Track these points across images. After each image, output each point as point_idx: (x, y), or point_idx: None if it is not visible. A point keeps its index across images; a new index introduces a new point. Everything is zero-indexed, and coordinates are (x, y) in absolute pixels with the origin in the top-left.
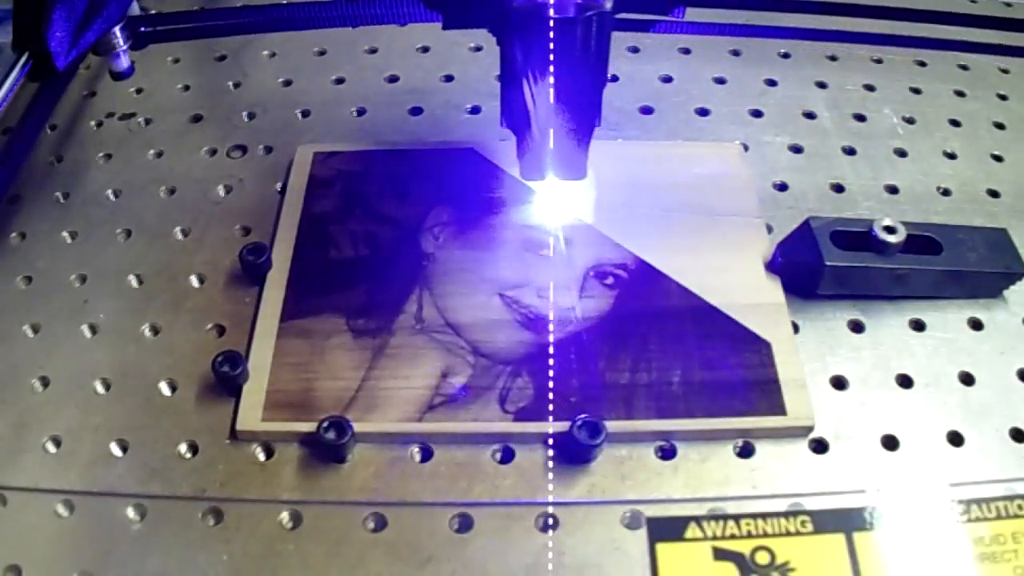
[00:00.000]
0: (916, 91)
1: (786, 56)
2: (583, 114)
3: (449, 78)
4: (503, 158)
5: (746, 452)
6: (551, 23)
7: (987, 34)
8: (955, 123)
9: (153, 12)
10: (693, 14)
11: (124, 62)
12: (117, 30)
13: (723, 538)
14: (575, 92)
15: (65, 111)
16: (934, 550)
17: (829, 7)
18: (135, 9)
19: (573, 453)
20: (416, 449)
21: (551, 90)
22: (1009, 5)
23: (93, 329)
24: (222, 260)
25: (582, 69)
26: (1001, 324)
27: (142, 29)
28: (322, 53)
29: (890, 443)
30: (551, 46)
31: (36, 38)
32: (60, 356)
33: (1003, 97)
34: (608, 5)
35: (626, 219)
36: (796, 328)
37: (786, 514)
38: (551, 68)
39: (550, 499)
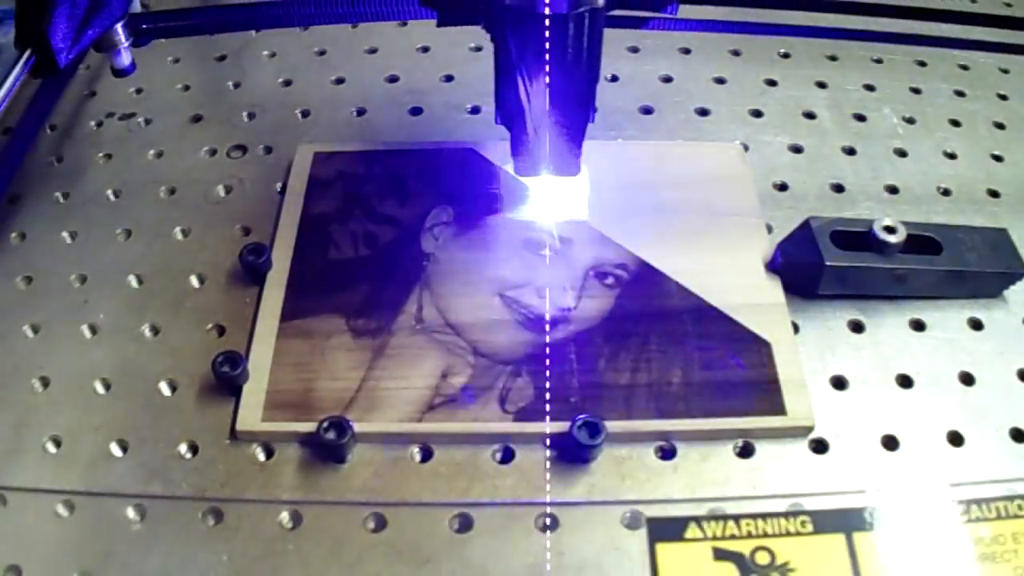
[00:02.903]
0: (916, 91)
1: (786, 56)
2: (576, 111)
3: (449, 78)
4: (503, 158)
5: (746, 452)
6: (544, 19)
7: (988, 32)
8: (955, 123)
9: (154, 10)
10: (689, 11)
11: (125, 59)
12: (119, 27)
13: (723, 538)
14: (568, 89)
15: (65, 111)
16: (934, 550)
17: (825, 5)
18: (136, 6)
19: (573, 453)
20: (416, 449)
21: (544, 87)
22: (1009, 5)
23: (93, 329)
24: (222, 260)
25: (575, 66)
26: (1001, 324)
27: (144, 26)
28: (322, 53)
29: (890, 443)
30: (544, 43)
31: (39, 35)
32: (60, 356)
33: (1003, 97)
34: (600, 1)
35: (626, 219)
36: (796, 328)
37: (786, 514)
38: (544, 65)
39: (550, 499)
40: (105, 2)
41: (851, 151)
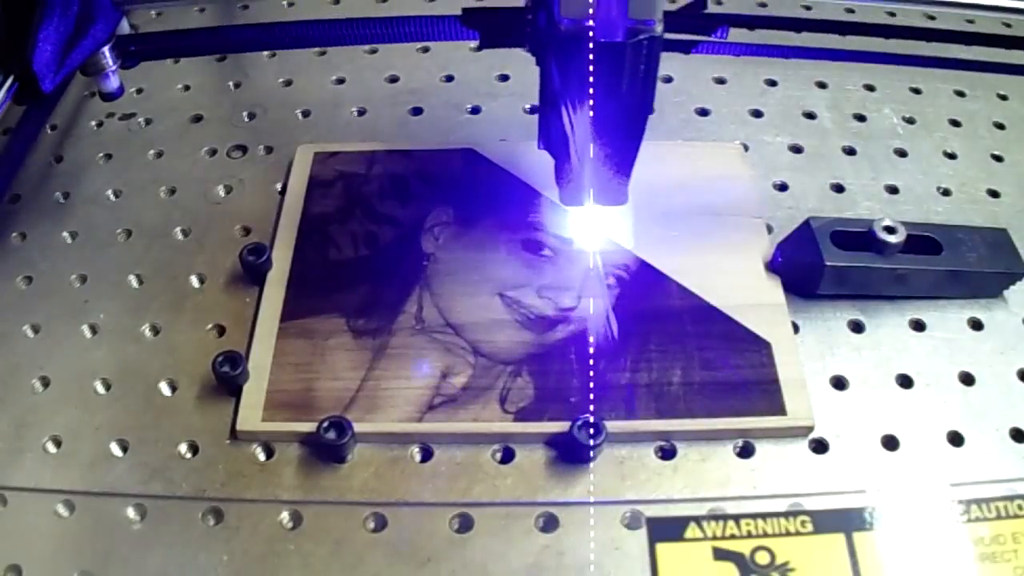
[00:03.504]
0: (916, 91)
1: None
2: (627, 141)
3: (449, 78)
4: (503, 158)
5: (746, 452)
6: (600, 48)
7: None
8: (955, 123)
9: (143, 32)
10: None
11: (114, 82)
12: (106, 50)
13: (723, 538)
14: (619, 119)
15: (65, 111)
16: (934, 550)
17: (863, 28)
18: (124, 27)
19: (573, 453)
20: (416, 449)
21: (595, 116)
22: (1009, 26)
23: (93, 329)
24: (222, 260)
25: (629, 94)
26: (1001, 324)
27: (132, 48)
28: (322, 53)
29: (890, 443)
30: (598, 71)
31: (21, 60)
32: (60, 356)
33: (1003, 97)
34: (659, 29)
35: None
36: (796, 328)
37: (786, 514)
38: (597, 93)
39: (550, 499)
40: (90, 25)
41: (851, 151)
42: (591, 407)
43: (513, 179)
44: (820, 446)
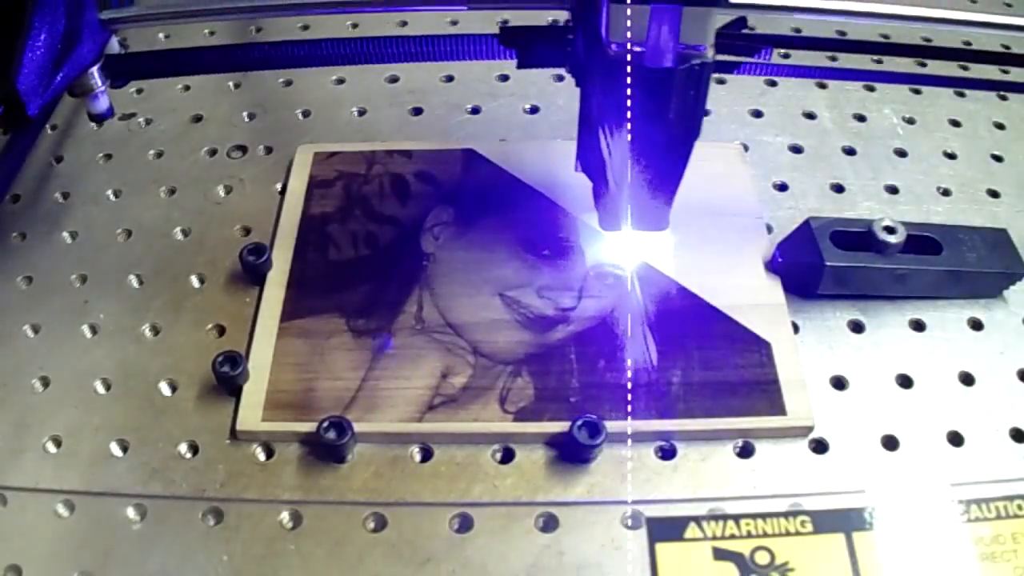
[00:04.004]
0: (916, 91)
1: (786, 56)
2: (670, 167)
3: (449, 78)
4: (503, 158)
5: (746, 452)
6: (650, 73)
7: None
8: (955, 123)
9: (134, 51)
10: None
11: (103, 103)
12: (95, 70)
13: (723, 538)
14: (664, 144)
15: (65, 111)
16: (934, 550)
17: (901, 49)
18: (114, 46)
19: (573, 453)
20: (416, 449)
21: (639, 139)
22: (1008, 47)
23: (93, 329)
24: (222, 260)
25: (676, 121)
26: (1001, 324)
27: (121, 68)
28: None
29: (890, 443)
30: (644, 97)
31: (6, 83)
32: (60, 356)
33: (1003, 97)
34: (710, 54)
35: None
36: (796, 328)
37: (786, 514)
38: (643, 117)
39: (550, 499)
40: (77, 46)
41: (851, 151)
42: (591, 407)
43: (513, 179)
44: (820, 446)
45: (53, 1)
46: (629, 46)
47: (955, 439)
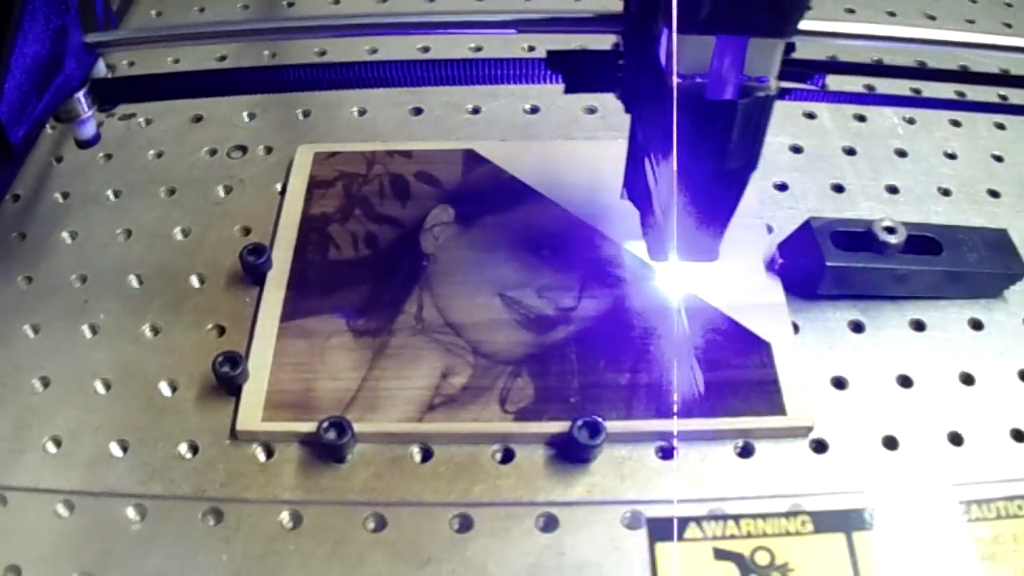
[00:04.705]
0: (916, 91)
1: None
2: (725, 199)
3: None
4: (503, 158)
5: (746, 452)
6: (713, 106)
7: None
8: (955, 123)
9: (119, 76)
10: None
11: (90, 129)
12: (80, 95)
13: (723, 538)
14: (720, 176)
15: None
16: (934, 550)
17: (943, 74)
18: (101, 69)
19: (573, 453)
20: (416, 449)
21: (691, 173)
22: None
23: (93, 329)
24: (222, 260)
25: (734, 153)
26: (1001, 324)
27: (109, 92)
28: (322, 53)
29: (890, 443)
30: (703, 129)
31: None
32: (60, 356)
33: (1003, 97)
34: (774, 85)
35: (626, 219)
36: (796, 328)
37: (786, 514)
38: (698, 150)
39: (550, 499)
40: (60, 71)
41: (851, 151)
42: (591, 407)
43: (513, 179)
44: (820, 446)
45: (36, 25)
46: (691, 77)
47: (955, 439)
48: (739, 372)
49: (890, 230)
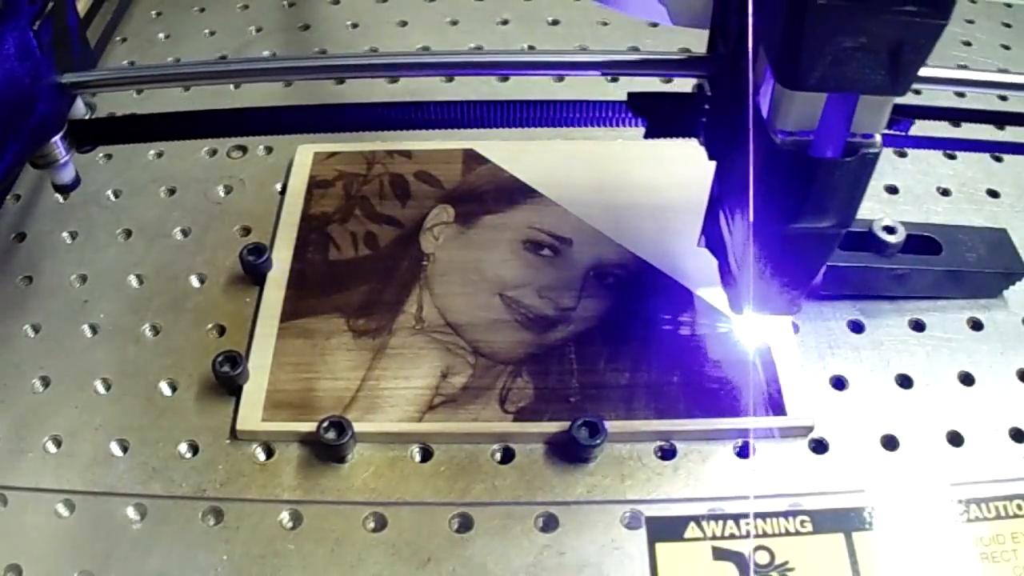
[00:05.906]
0: (916, 92)
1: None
2: (814, 258)
3: (449, 78)
4: (503, 158)
5: (746, 452)
6: (816, 164)
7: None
8: (955, 123)
9: (99, 117)
10: None
11: (69, 174)
12: (57, 140)
13: (723, 538)
14: (813, 236)
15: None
16: (933, 550)
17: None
18: (80, 109)
19: (573, 453)
20: (416, 449)
21: (782, 230)
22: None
23: (93, 329)
24: (222, 260)
25: (832, 212)
26: (1001, 324)
27: (87, 134)
28: (322, 52)
29: (890, 443)
30: (803, 186)
31: None
32: (60, 356)
33: (1003, 98)
34: (878, 141)
35: (626, 219)
36: (796, 328)
37: (786, 514)
38: (793, 208)
39: (550, 499)
40: (33, 114)
41: None
42: (591, 407)
43: (513, 179)
44: (820, 446)
45: (5, 62)
46: (798, 134)
47: (955, 439)
48: (739, 372)
49: (890, 230)
